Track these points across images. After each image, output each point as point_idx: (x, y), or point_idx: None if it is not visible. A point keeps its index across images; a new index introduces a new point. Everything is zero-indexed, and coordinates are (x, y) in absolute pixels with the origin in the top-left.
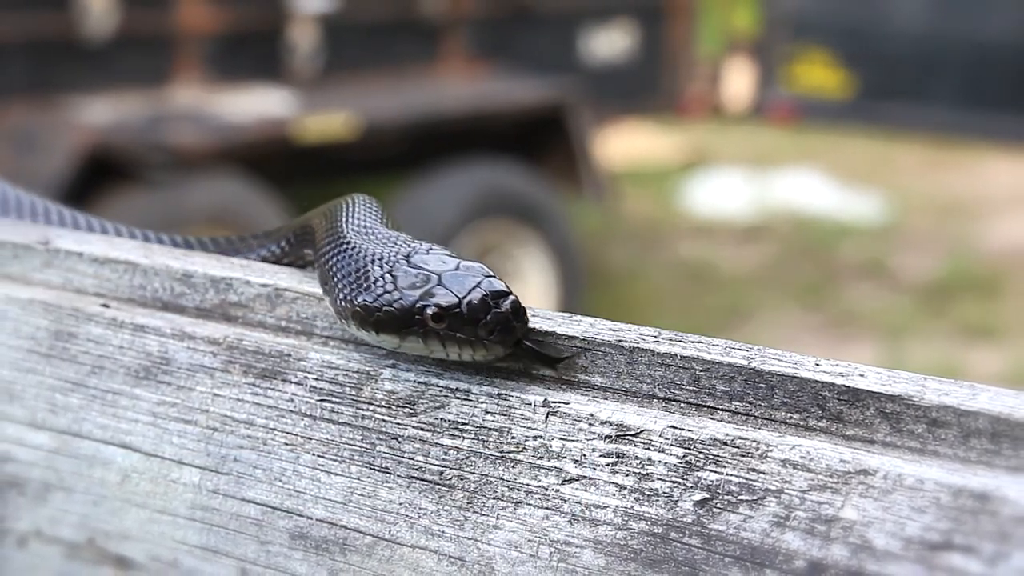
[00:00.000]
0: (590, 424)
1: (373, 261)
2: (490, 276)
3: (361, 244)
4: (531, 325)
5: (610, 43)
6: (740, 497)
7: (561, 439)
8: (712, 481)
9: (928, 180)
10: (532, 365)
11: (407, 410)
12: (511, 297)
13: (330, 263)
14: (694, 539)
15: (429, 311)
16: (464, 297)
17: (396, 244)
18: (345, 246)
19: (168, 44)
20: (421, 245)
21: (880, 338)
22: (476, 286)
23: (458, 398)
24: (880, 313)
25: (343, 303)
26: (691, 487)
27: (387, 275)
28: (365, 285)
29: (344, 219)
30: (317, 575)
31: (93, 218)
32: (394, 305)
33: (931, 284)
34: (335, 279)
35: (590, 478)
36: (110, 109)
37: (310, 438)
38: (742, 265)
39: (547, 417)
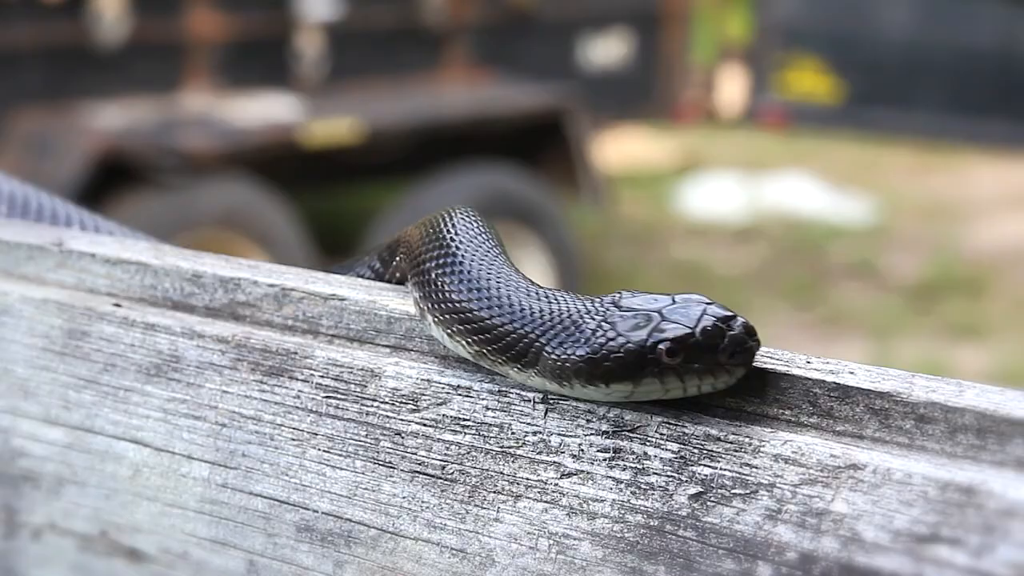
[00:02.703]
0: (588, 420)
1: (581, 314)
2: (710, 302)
3: (556, 303)
4: None
5: (607, 51)
6: (733, 491)
7: (560, 434)
8: (706, 475)
9: (915, 183)
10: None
11: (410, 406)
12: (740, 318)
13: (509, 326)
14: (689, 532)
15: (663, 347)
16: (695, 326)
17: (583, 299)
18: (531, 308)
19: (179, 51)
20: (623, 293)
21: (869, 336)
22: (703, 314)
23: (459, 395)
24: (869, 312)
25: (556, 364)
26: (686, 481)
27: (603, 323)
28: (581, 339)
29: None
30: (323, 567)
31: (129, 231)
32: (623, 350)
33: (918, 284)
34: (522, 338)
35: (588, 472)
36: (122, 114)
37: (316, 434)
38: (735, 266)
39: (546, 413)
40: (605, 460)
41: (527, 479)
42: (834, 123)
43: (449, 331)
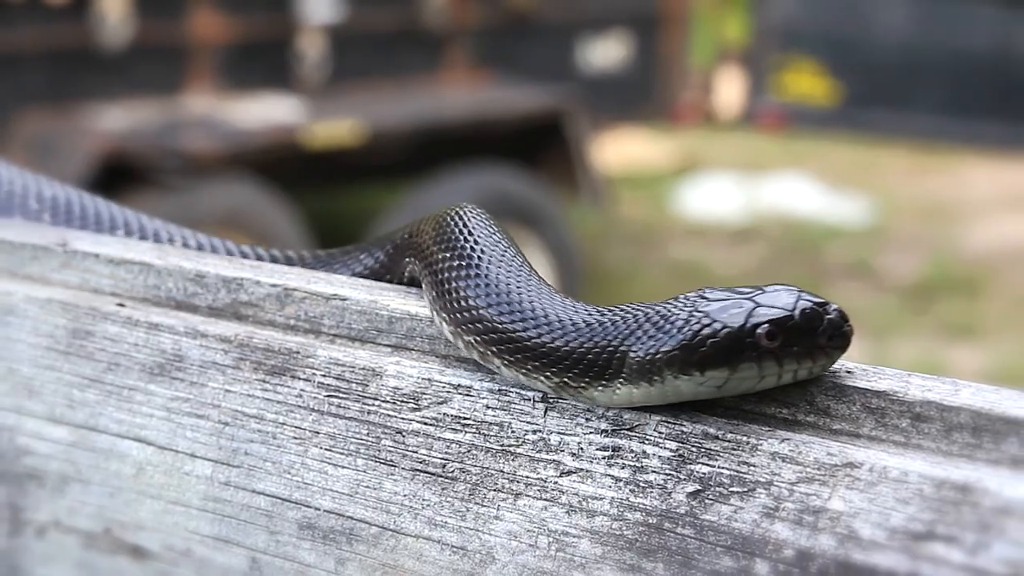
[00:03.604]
0: (587, 419)
1: (667, 310)
2: (801, 290)
3: (627, 311)
4: None
5: (606, 53)
6: (731, 489)
7: (559, 433)
8: (704, 473)
9: (912, 184)
10: None
11: (411, 405)
12: (833, 304)
13: (573, 331)
14: (687, 529)
15: (762, 330)
16: (794, 309)
17: (657, 303)
18: (600, 322)
19: (182, 54)
20: (706, 289)
21: (865, 336)
22: (798, 298)
23: (460, 394)
24: (865, 312)
25: (646, 360)
26: (684, 479)
27: (695, 313)
28: (672, 330)
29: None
30: (325, 564)
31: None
32: (720, 334)
33: (915, 284)
34: (602, 352)
35: (587, 470)
36: (126, 116)
37: (318, 432)
38: (733, 266)
39: (546, 412)
40: (604, 458)
41: (527, 477)
42: (831, 124)
43: (518, 370)
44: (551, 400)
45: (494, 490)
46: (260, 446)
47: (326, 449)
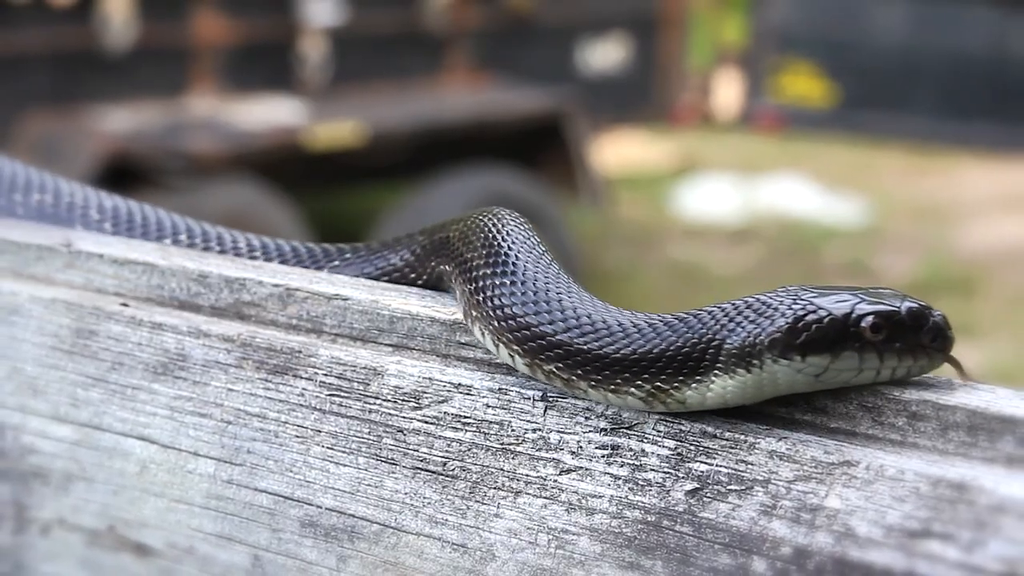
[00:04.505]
0: (586, 417)
1: (763, 301)
2: (905, 294)
3: (706, 312)
4: None
5: (605, 55)
6: (729, 487)
7: (559, 431)
8: (702, 472)
9: (908, 185)
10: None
11: (412, 404)
12: (937, 310)
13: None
14: (685, 527)
15: (867, 321)
16: (901, 305)
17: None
18: (698, 313)
19: (185, 56)
20: (802, 286)
21: None
22: (904, 297)
23: (460, 392)
24: None
25: (746, 345)
26: (682, 478)
27: (798, 301)
28: (776, 315)
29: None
30: (326, 561)
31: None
32: (825, 320)
33: (911, 284)
34: (694, 348)
35: (586, 469)
36: (130, 118)
37: (320, 431)
38: (731, 266)
39: (545, 411)
40: (603, 457)
41: (527, 475)
42: (828, 126)
43: (606, 389)
44: (551, 399)
45: (494, 488)
46: (262, 444)
47: (328, 447)
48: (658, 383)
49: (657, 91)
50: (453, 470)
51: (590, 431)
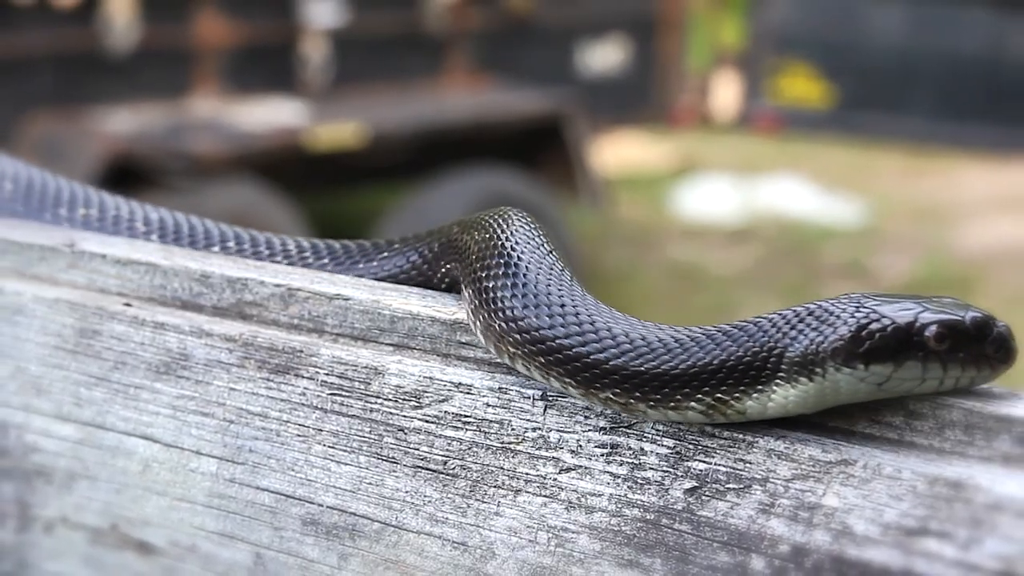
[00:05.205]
0: (586, 416)
1: (825, 309)
2: (967, 304)
3: (780, 317)
4: None
5: (605, 57)
6: (728, 485)
7: (558, 430)
8: (701, 470)
9: (905, 186)
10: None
11: (413, 403)
12: (1000, 321)
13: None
14: (684, 525)
15: (931, 330)
16: (965, 315)
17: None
18: (747, 325)
19: (187, 57)
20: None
21: None
22: (968, 307)
23: (461, 392)
24: None
25: (809, 352)
26: (681, 476)
27: (861, 309)
28: (838, 323)
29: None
30: (328, 559)
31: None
32: (889, 329)
33: (908, 284)
34: (755, 358)
35: (586, 467)
36: (132, 119)
37: (321, 430)
38: (729, 266)
39: (545, 410)
40: (603, 455)
41: (527, 474)
42: (826, 127)
43: (666, 408)
44: (550, 398)
45: (494, 487)
46: (264, 443)
47: (329, 446)
48: (719, 395)
49: (656, 92)
50: (453, 469)
51: (589, 430)
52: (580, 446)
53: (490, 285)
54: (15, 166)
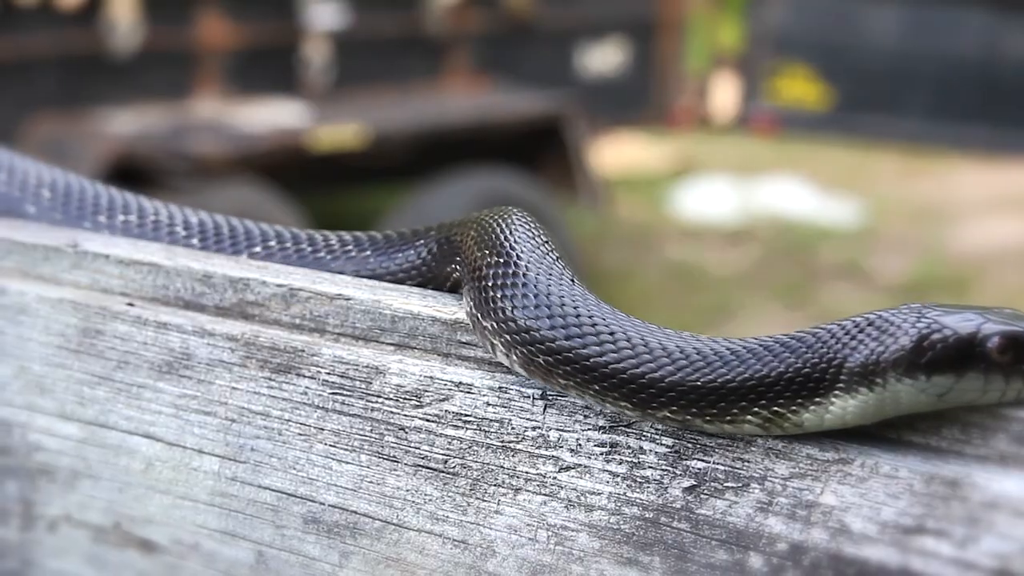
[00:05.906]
0: (585, 415)
1: (884, 319)
2: None
3: (836, 327)
4: None
5: (604, 59)
6: (726, 484)
7: (558, 429)
8: (700, 469)
9: (902, 187)
10: None
11: (413, 402)
12: None
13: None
14: (683, 523)
15: (993, 342)
16: None
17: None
18: (791, 340)
19: (189, 59)
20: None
21: None
22: None
23: (461, 391)
24: (857, 311)
25: (869, 362)
26: (680, 475)
27: (922, 319)
28: (899, 333)
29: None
30: (329, 558)
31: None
32: (951, 339)
33: (905, 284)
34: (815, 367)
35: (585, 466)
36: (135, 120)
37: (323, 429)
38: (727, 266)
39: (545, 409)
40: (602, 454)
41: (526, 473)
42: (823, 129)
43: (722, 421)
44: (550, 397)
45: (494, 485)
46: (266, 442)
47: (330, 445)
48: (776, 407)
49: (655, 94)
50: (454, 467)
51: (589, 429)
52: (579, 445)
53: (573, 345)
54: (52, 173)
